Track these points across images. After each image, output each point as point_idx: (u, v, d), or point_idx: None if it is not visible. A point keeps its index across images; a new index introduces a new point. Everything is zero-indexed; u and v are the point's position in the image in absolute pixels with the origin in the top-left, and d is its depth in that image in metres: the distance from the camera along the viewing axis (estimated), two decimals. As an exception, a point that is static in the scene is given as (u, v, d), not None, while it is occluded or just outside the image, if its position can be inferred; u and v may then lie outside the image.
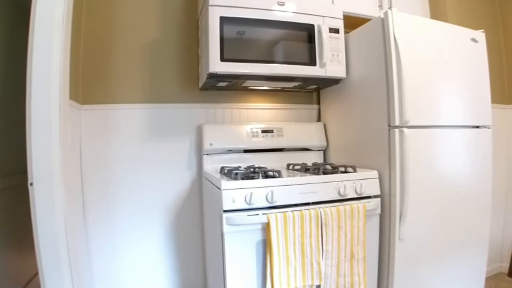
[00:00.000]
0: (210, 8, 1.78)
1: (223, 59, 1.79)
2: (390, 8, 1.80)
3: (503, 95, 2.92)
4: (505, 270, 2.90)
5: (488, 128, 2.11)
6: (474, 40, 2.09)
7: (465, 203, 2.01)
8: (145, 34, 2.12)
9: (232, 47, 1.82)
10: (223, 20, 1.80)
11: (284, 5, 1.91)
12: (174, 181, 2.14)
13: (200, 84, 2.09)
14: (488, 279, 2.76)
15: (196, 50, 2.20)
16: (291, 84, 2.14)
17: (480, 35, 2.13)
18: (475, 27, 2.19)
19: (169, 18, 2.17)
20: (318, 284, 1.61)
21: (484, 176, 2.09)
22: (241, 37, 1.84)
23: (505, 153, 2.93)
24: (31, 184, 1.45)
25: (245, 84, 2.07)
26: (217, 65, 1.78)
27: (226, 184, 1.52)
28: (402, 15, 1.81)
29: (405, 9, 2.26)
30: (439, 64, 1.93)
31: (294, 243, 1.56)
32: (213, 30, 1.78)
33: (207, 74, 1.81)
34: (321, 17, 1.98)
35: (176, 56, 2.18)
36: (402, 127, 1.75)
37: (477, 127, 2.07)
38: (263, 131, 2.20)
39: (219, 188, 1.54)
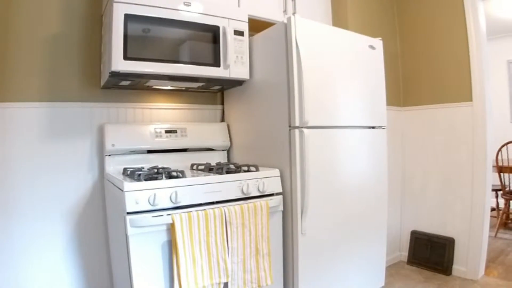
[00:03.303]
0: (114, 4, 1.77)
1: (126, 57, 1.79)
2: (294, 13, 1.93)
3: (398, 98, 3.27)
4: (405, 258, 3.25)
5: (383, 128, 2.36)
6: (372, 47, 2.32)
7: (363, 198, 2.23)
8: (45, 28, 2.03)
9: (136, 46, 1.82)
10: (128, 17, 1.79)
11: (190, 5, 1.96)
12: (75, 184, 2.08)
13: (102, 82, 2.06)
14: (389, 267, 3.07)
15: (99, 47, 2.16)
16: (195, 85, 2.20)
17: (378, 42, 2.36)
18: (375, 35, 2.42)
19: (72, 12, 2.10)
20: (225, 281, 1.68)
21: (380, 172, 2.34)
22: (146, 36, 1.86)
23: (400, 151, 3.28)
24: None
25: (148, 84, 2.08)
26: (119, 64, 1.77)
27: (129, 185, 1.53)
28: (304, 21, 1.96)
29: (308, 15, 2.43)
30: (339, 68, 2.11)
31: (200, 242, 1.62)
32: (116, 27, 1.77)
33: (109, 73, 1.80)
34: (227, 19, 2.06)
35: (78, 53, 2.12)
36: (302, 127, 1.90)
37: (373, 127, 2.30)
38: (166, 131, 2.23)
39: (122, 190, 1.54)
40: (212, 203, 1.72)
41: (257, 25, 2.33)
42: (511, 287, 2.60)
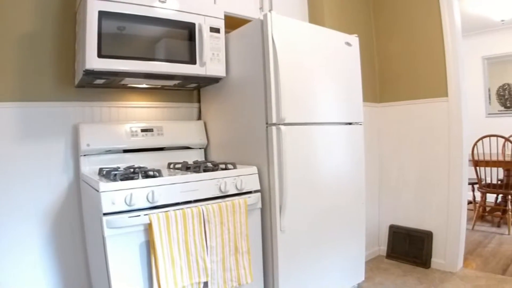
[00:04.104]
0: (88, 1, 1.74)
1: (100, 55, 1.77)
2: (270, 10, 1.94)
3: (375, 94, 3.32)
4: (384, 253, 3.30)
5: (360, 124, 2.40)
6: (348, 43, 2.34)
7: (341, 194, 2.27)
8: (17, 26, 1.98)
9: (111, 43, 1.80)
10: (102, 14, 1.77)
11: (165, 2, 1.95)
12: (50, 186, 2.05)
13: (76, 81, 2.03)
14: (369, 262, 3.12)
15: (73, 45, 2.13)
16: (171, 83, 2.19)
17: (354, 39, 2.39)
18: (351, 32, 2.45)
19: (45, 9, 2.06)
20: (205, 280, 1.69)
21: (357, 167, 2.38)
22: (121, 33, 1.84)
23: (377, 146, 3.33)
24: None
25: (123, 82, 2.06)
26: (94, 62, 1.75)
27: (105, 185, 1.52)
28: (281, 18, 1.97)
29: (285, 12, 2.45)
30: (315, 65, 2.14)
31: (178, 242, 1.61)
32: (90, 24, 1.74)
33: (83, 71, 1.78)
34: (203, 16, 2.06)
35: (51, 51, 2.08)
36: (279, 124, 1.91)
37: (350, 123, 2.34)
38: (142, 130, 2.21)
39: (98, 190, 1.52)
40: (190, 202, 1.72)
41: (233, 22, 2.33)
42: (489, 278, 2.67)
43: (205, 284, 1.70)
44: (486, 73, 5.44)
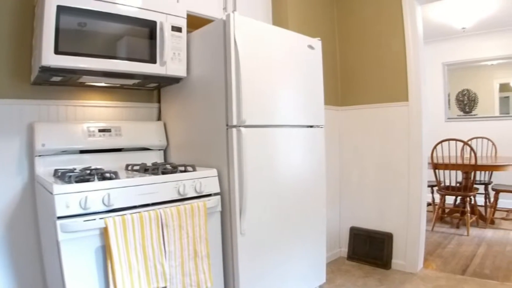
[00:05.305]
0: (47, -5, 1.69)
1: (57, 51, 1.71)
2: (233, 11, 1.93)
3: (336, 98, 3.38)
4: (345, 254, 3.37)
5: (321, 127, 2.43)
6: (311, 47, 2.37)
7: (302, 196, 2.29)
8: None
9: (69, 39, 1.76)
10: (60, 9, 1.72)
11: (127, -2, 1.92)
12: (3, 188, 1.96)
13: (32, 78, 1.96)
14: (330, 263, 3.17)
15: (30, 41, 2.05)
16: (130, 82, 2.15)
17: (317, 42, 2.42)
18: (314, 35, 2.47)
19: (1, 2, 1.98)
20: (164, 285, 1.66)
21: (318, 170, 2.41)
22: (80, 29, 1.79)
23: (337, 149, 3.40)
24: None
25: (81, 80, 2.00)
26: (50, 58, 1.70)
27: (59, 188, 1.47)
28: (244, 19, 1.97)
29: (248, 13, 2.46)
30: (278, 67, 2.15)
31: (135, 247, 1.58)
32: (48, 19, 1.69)
33: (39, 68, 1.72)
34: (164, 15, 2.03)
35: (6, 46, 1.99)
36: (239, 126, 1.91)
37: (311, 126, 2.37)
38: (100, 130, 2.17)
39: (51, 193, 1.48)
40: (148, 205, 1.69)
41: (196, 22, 2.32)
42: (449, 279, 2.76)
43: (164, 289, 1.68)
44: (446, 79, 5.65)
